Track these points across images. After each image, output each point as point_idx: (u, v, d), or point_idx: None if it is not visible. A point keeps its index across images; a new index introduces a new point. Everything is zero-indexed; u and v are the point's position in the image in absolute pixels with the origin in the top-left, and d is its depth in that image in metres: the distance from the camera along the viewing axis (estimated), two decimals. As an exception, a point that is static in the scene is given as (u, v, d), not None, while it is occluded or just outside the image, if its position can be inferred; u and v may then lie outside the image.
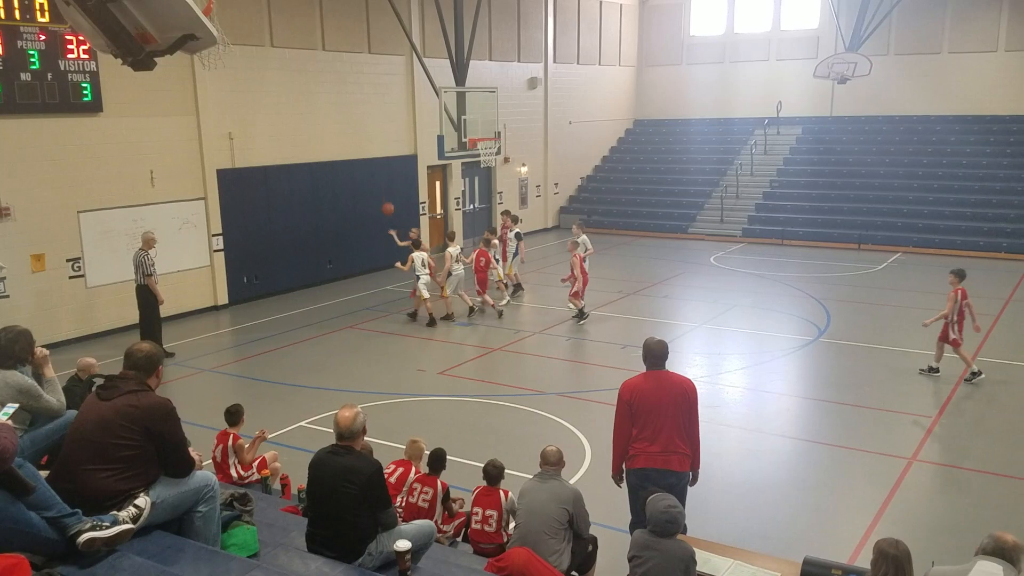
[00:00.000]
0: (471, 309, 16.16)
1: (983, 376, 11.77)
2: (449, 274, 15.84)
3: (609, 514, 7.28)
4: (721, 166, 27.58)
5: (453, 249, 16.02)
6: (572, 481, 8.25)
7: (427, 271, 15.39)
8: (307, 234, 18.69)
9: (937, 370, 12.06)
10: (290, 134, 18.32)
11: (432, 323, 15.35)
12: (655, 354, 6.55)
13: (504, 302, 16.48)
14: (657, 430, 6.38)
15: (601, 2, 28.52)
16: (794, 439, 10.22)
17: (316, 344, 14.54)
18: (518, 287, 17.73)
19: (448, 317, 15.66)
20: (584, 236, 16.81)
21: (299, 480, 6.24)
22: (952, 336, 11.76)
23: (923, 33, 25.92)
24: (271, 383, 12.41)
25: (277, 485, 7.49)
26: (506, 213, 18.69)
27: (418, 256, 15.47)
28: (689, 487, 6.64)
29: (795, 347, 13.89)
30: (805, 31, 28.07)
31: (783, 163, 26.99)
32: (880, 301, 16.60)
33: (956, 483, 8.90)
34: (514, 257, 17.60)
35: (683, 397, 6.47)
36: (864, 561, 5.94)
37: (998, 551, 4.17)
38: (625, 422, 6.53)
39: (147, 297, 13.17)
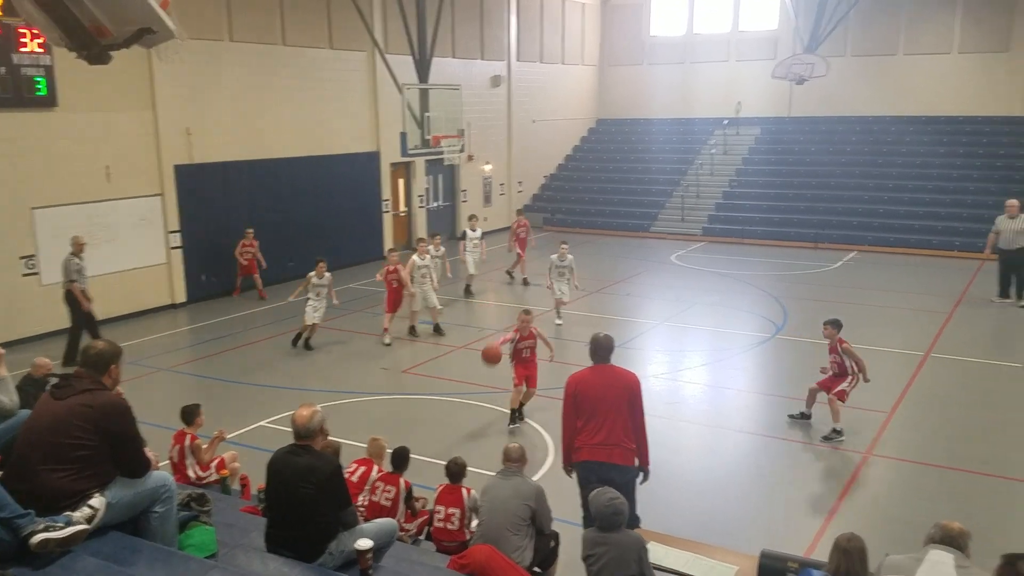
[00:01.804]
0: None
1: (842, 439, 9.90)
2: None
3: (572, 510, 7.32)
4: (682, 166, 27.85)
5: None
6: (535, 478, 8.29)
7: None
8: (268, 231, 18.46)
9: (809, 415, 10.39)
10: (250, 130, 18.10)
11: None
12: (601, 348, 6.69)
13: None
14: (600, 423, 6.49)
15: (563, 1, 28.61)
16: (752, 434, 10.37)
17: (276, 343, 14.39)
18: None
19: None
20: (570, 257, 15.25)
21: (259, 480, 6.19)
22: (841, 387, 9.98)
23: (879, 35, 26.42)
24: (230, 382, 12.27)
25: (236, 485, 7.43)
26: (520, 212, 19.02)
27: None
28: (641, 484, 6.72)
29: (753, 344, 14.09)
30: (764, 32, 28.45)
31: (742, 163, 27.34)
32: (835, 299, 16.91)
33: (910, 476, 9.10)
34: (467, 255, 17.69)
35: (626, 391, 6.57)
36: (821, 554, 6.07)
37: (946, 539, 4.28)
38: (571, 414, 6.67)
39: (72, 303, 12.94)
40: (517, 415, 10.35)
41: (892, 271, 19.89)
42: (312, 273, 13.78)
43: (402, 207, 23.29)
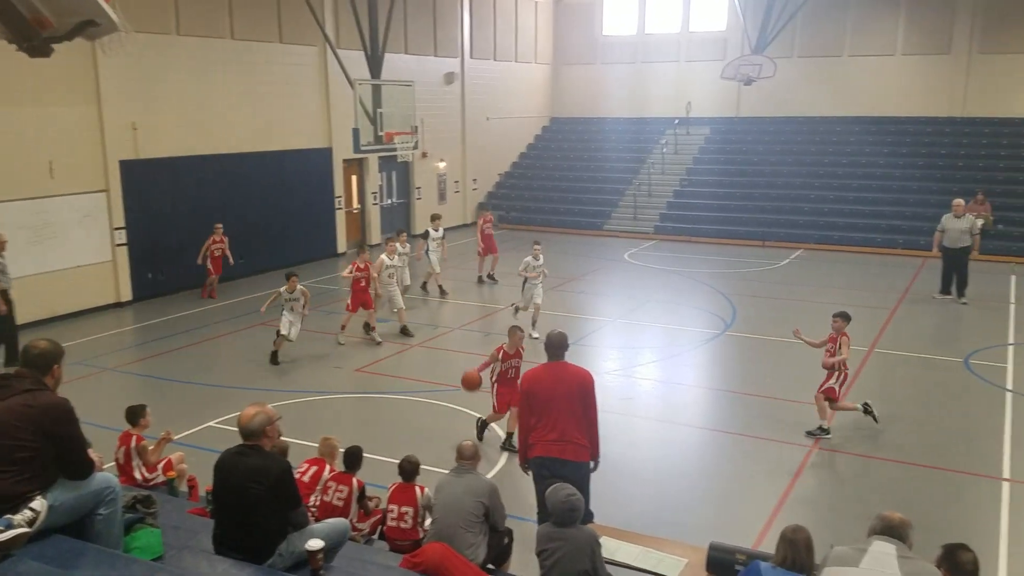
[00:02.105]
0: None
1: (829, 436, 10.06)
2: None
3: (525, 507, 7.37)
4: (634, 164, 28.10)
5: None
6: (489, 475, 8.32)
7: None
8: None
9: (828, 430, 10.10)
10: (198, 125, 17.78)
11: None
12: (555, 345, 6.76)
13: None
14: (554, 419, 6.56)
15: (517, -1, 28.68)
16: (702, 429, 10.55)
17: (226, 342, 14.18)
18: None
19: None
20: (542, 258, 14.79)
21: (207, 481, 6.09)
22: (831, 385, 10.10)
23: (825, 37, 26.97)
24: (178, 382, 12.05)
25: (184, 487, 7.31)
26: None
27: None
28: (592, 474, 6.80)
29: (704, 340, 14.30)
30: (713, 33, 28.82)
31: (693, 162, 27.69)
32: (782, 296, 17.25)
33: (854, 469, 9.33)
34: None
35: (579, 388, 6.65)
36: (768, 546, 6.19)
37: (888, 530, 4.34)
38: (526, 411, 6.74)
39: None
40: (508, 439, 9.56)
41: (837, 268, 20.35)
42: (283, 288, 12.76)
43: (355, 204, 23.09)
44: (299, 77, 20.29)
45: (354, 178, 22.90)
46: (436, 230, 17.68)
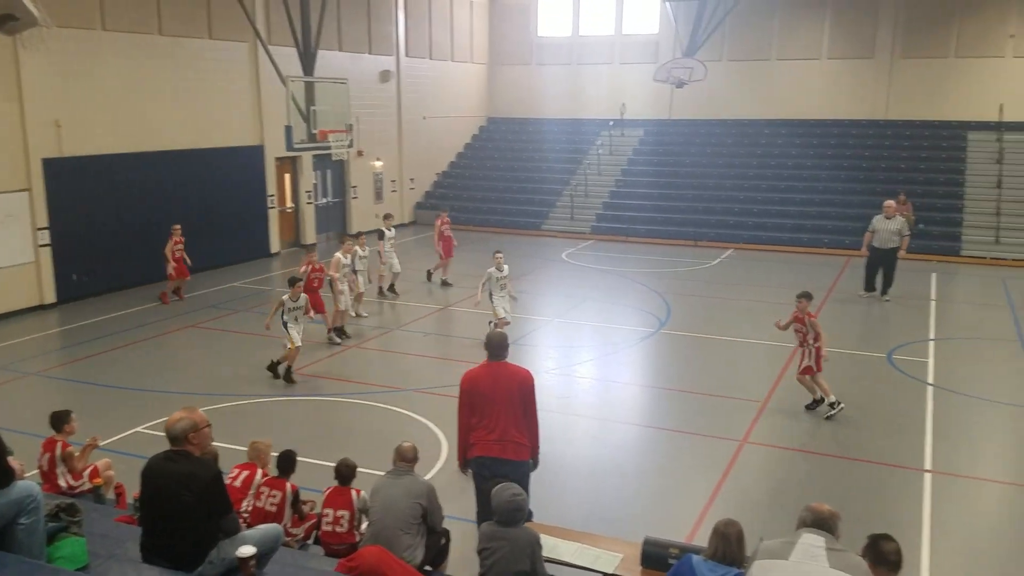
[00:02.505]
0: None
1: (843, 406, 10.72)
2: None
3: (463, 507, 7.37)
4: (571, 165, 28.34)
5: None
6: (428, 476, 8.31)
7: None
8: (146, 227, 17.66)
9: (821, 401, 10.89)
10: (126, 122, 17.29)
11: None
12: (495, 345, 6.79)
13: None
14: (494, 419, 6.58)
15: (452, -2, 28.61)
16: (638, 426, 10.72)
17: (156, 344, 13.82)
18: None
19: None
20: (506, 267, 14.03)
21: (135, 488, 5.94)
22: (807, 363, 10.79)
23: (754, 41, 27.62)
24: (105, 387, 11.70)
25: (111, 494, 7.11)
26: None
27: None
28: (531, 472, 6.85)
29: (639, 338, 14.51)
30: (646, 36, 29.22)
31: (627, 163, 28.06)
32: (713, 294, 17.62)
33: (784, 462, 9.59)
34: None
35: (519, 387, 6.69)
36: (701, 539, 6.33)
37: (817, 522, 4.41)
38: (465, 411, 6.74)
39: None
40: None
41: (766, 267, 20.87)
42: (286, 296, 12.12)
43: (289, 203, 22.74)
44: (230, 74, 19.89)
45: (287, 176, 22.54)
46: (389, 229, 17.47)
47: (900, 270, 17.25)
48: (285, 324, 11.90)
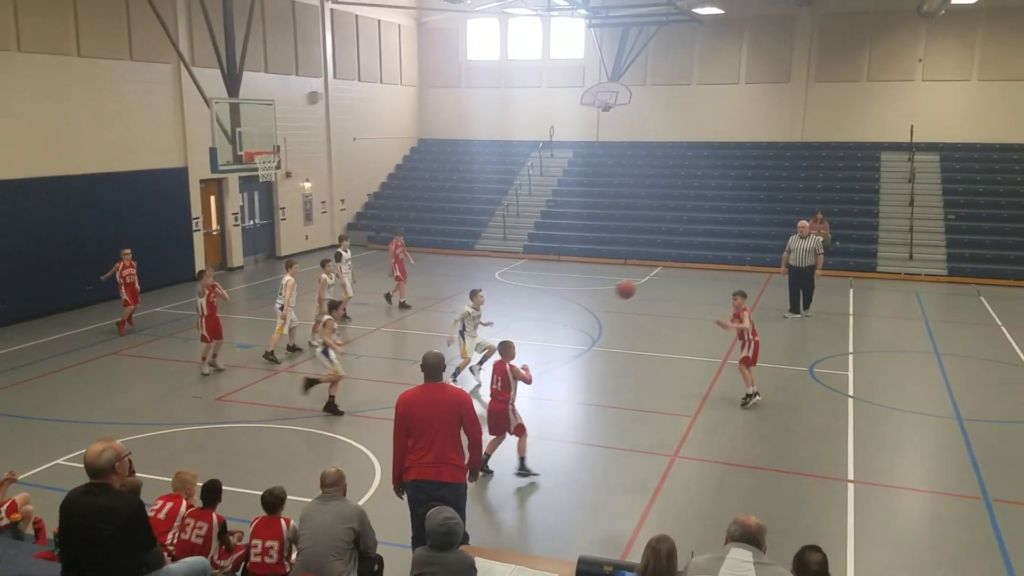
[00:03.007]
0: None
1: (759, 398, 11.88)
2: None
3: (396, 532, 7.29)
4: (502, 186, 28.55)
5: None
6: (361, 501, 8.19)
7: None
8: (63, 253, 17.06)
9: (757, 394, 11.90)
10: (44, 146, 16.76)
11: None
12: (431, 366, 6.75)
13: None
14: (430, 441, 6.54)
15: (379, 21, 28.57)
16: (571, 443, 10.79)
17: (74, 373, 13.32)
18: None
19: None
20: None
21: (55, 523, 5.71)
22: (744, 354, 11.85)
23: (675, 66, 28.37)
24: (21, 418, 11.22)
25: (30, 530, 6.81)
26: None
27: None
28: (470, 481, 6.85)
29: (572, 356, 14.64)
30: (572, 61, 29.70)
31: (558, 184, 28.42)
32: (644, 311, 17.91)
33: (714, 476, 9.76)
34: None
35: (455, 409, 6.66)
36: (635, 556, 6.39)
37: (745, 536, 4.51)
38: (401, 433, 6.67)
39: None
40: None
41: (692, 284, 21.33)
42: (327, 317, 11.94)
43: (215, 225, 22.28)
44: (152, 95, 19.45)
45: (213, 198, 22.10)
46: (346, 251, 17.23)
47: (819, 287, 17.84)
48: (326, 351, 11.63)
